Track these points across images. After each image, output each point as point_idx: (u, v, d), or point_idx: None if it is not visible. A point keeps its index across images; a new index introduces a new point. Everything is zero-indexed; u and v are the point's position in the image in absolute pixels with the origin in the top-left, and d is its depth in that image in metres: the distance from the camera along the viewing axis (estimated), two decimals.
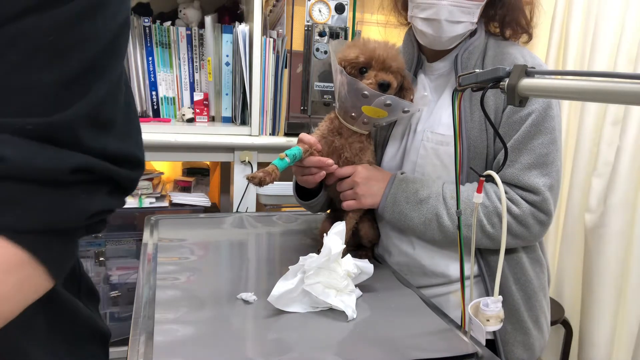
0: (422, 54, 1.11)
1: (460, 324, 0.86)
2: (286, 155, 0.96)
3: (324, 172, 1.02)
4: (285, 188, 1.53)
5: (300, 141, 1.02)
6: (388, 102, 0.98)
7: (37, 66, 0.44)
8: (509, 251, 1.02)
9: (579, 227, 1.87)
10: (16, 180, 0.43)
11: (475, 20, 0.99)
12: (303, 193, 1.17)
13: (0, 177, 0.42)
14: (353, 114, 1.02)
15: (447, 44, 1.02)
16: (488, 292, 1.02)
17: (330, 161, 1.02)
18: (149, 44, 1.75)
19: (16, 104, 0.43)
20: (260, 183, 0.94)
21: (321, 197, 1.14)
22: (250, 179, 0.94)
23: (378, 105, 0.98)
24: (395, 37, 1.16)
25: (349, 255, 0.90)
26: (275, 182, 0.96)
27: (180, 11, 1.84)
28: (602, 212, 1.76)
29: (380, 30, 1.21)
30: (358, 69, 1.01)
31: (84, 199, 0.48)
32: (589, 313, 1.83)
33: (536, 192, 0.96)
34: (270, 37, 1.71)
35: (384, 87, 0.98)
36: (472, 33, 1.04)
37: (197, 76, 1.83)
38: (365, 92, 0.97)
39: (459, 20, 0.98)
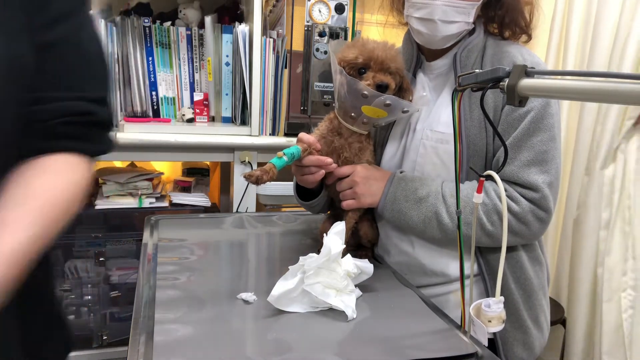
0: (421, 53, 1.11)
1: (460, 323, 0.86)
2: (284, 154, 0.96)
3: (323, 171, 1.02)
4: (285, 188, 1.53)
5: (299, 140, 1.02)
6: (388, 102, 0.98)
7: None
8: (508, 250, 1.02)
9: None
10: (102, 126, 0.73)
11: (471, 20, 0.99)
12: (304, 194, 1.17)
13: (95, 123, 0.72)
14: (353, 114, 1.02)
15: (442, 43, 1.02)
16: (488, 291, 1.02)
17: (329, 160, 1.02)
18: (149, 44, 1.75)
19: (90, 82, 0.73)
20: (257, 181, 0.94)
21: (322, 197, 1.14)
22: (247, 177, 0.94)
23: (378, 105, 0.98)
24: (395, 37, 1.16)
25: (349, 255, 0.90)
26: (275, 182, 0.96)
27: (180, 11, 1.84)
28: (585, 208, 1.78)
29: (380, 31, 1.21)
30: (357, 70, 1.01)
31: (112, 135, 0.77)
32: (572, 309, 1.86)
33: (535, 190, 0.96)
34: (270, 37, 1.71)
35: (382, 88, 0.98)
36: (471, 32, 1.04)
37: (197, 76, 1.83)
38: (365, 92, 0.97)
39: (454, 20, 0.98)
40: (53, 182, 0.65)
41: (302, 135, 1.02)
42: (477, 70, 0.72)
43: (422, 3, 0.98)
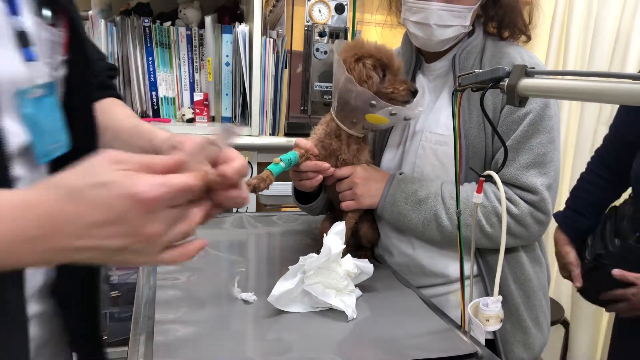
0: (420, 55, 1.11)
1: (460, 323, 0.86)
2: (281, 160, 0.96)
3: (320, 176, 1.02)
4: (285, 188, 1.53)
5: (296, 146, 1.01)
6: (394, 112, 0.98)
7: None
8: (508, 250, 1.02)
9: None
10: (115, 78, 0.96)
11: (468, 23, 0.99)
12: (302, 197, 1.16)
13: (114, 76, 0.94)
14: (354, 120, 1.02)
15: (439, 46, 1.02)
16: (488, 292, 1.02)
17: (326, 165, 1.02)
18: (149, 44, 1.75)
19: None
20: (255, 190, 0.94)
21: (321, 200, 1.14)
22: None
23: (383, 114, 0.98)
24: (395, 37, 1.16)
25: (349, 255, 0.90)
26: (275, 183, 0.96)
27: (180, 11, 1.84)
28: None
29: (380, 31, 1.21)
30: (379, 70, 1.00)
31: None
32: (577, 314, 1.85)
33: (534, 192, 0.96)
34: (270, 37, 1.71)
35: (415, 94, 1.00)
36: (470, 33, 1.04)
37: (197, 76, 1.83)
38: (373, 102, 0.97)
39: (449, 24, 0.98)
40: (128, 111, 0.84)
41: (299, 140, 1.02)
42: (477, 71, 0.72)
43: (418, 7, 0.98)
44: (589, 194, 1.30)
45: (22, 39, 0.58)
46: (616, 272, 1.13)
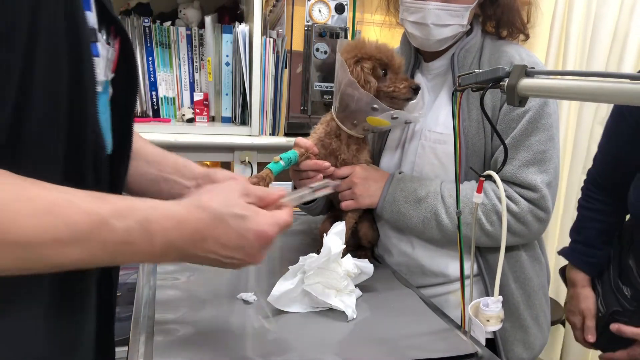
0: (419, 54, 1.11)
1: (460, 323, 0.86)
2: (281, 159, 0.96)
3: (320, 175, 1.02)
4: (285, 188, 1.52)
5: (296, 145, 1.02)
6: (395, 116, 0.98)
7: None
8: (508, 249, 1.02)
9: None
10: None
11: (465, 22, 0.99)
12: None
13: None
14: (355, 122, 1.02)
15: (436, 45, 1.02)
16: (488, 291, 1.02)
17: (326, 164, 1.02)
18: (149, 44, 1.75)
19: None
20: None
21: (320, 200, 1.14)
22: None
23: (385, 117, 0.98)
24: (394, 37, 1.16)
25: (349, 255, 0.90)
26: (275, 183, 0.96)
27: (180, 11, 1.84)
28: None
29: (380, 31, 1.21)
30: (380, 69, 1.00)
31: None
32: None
33: (534, 190, 0.96)
34: (270, 37, 1.71)
35: (417, 91, 1.00)
36: (469, 32, 1.04)
37: (197, 76, 1.83)
38: (375, 106, 0.97)
39: (447, 24, 0.98)
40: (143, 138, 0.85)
41: (299, 139, 1.02)
42: (477, 71, 0.72)
43: (415, 7, 0.98)
44: (595, 222, 1.17)
45: (92, 35, 0.59)
46: (614, 327, 1.04)
